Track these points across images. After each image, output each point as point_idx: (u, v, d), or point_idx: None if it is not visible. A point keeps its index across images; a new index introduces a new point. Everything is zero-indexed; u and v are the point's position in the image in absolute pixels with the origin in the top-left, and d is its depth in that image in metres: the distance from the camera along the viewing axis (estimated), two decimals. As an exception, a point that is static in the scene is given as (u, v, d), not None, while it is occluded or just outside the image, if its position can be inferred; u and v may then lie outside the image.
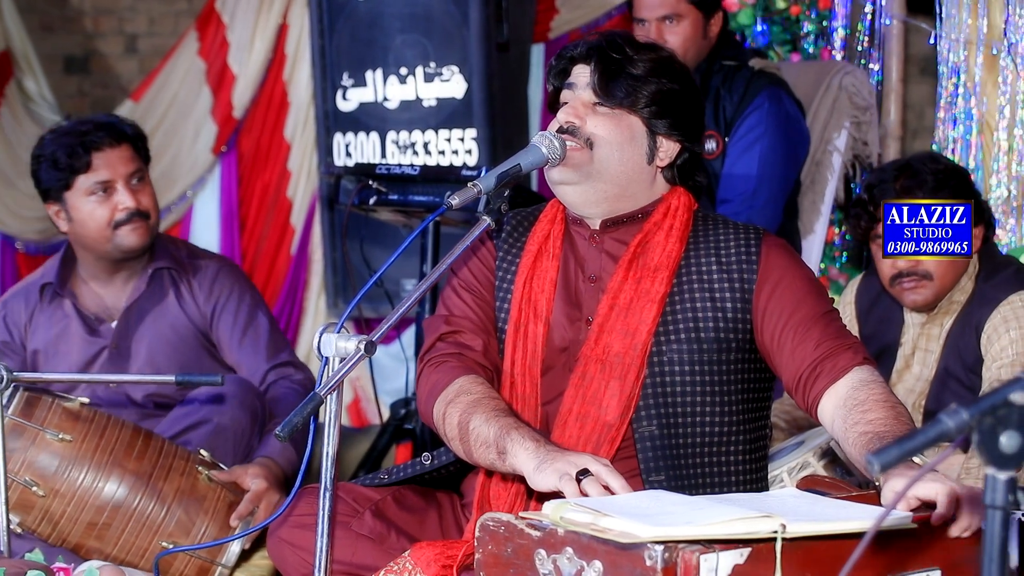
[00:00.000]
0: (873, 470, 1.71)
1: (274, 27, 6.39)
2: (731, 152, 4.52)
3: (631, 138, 2.95)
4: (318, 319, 6.37)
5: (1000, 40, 4.46)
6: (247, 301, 4.09)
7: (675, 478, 2.87)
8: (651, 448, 2.87)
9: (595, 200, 2.96)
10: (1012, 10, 4.39)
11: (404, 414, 4.71)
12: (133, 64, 7.21)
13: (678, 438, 2.89)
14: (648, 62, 2.96)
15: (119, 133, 3.98)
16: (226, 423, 3.85)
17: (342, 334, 2.63)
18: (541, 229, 3.05)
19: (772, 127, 4.51)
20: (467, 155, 5.60)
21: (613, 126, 2.93)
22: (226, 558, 3.60)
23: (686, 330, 2.89)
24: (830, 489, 2.70)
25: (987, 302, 3.77)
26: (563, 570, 2.28)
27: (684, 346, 2.89)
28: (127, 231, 3.96)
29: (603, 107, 2.95)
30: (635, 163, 2.95)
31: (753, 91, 4.55)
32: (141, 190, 3.99)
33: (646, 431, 2.87)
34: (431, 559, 2.73)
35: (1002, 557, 1.72)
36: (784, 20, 5.46)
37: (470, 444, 2.80)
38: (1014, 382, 1.72)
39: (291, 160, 6.43)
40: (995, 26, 4.48)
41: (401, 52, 5.71)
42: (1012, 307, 3.71)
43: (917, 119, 6.35)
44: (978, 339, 3.75)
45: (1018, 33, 4.39)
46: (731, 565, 2.18)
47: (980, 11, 4.49)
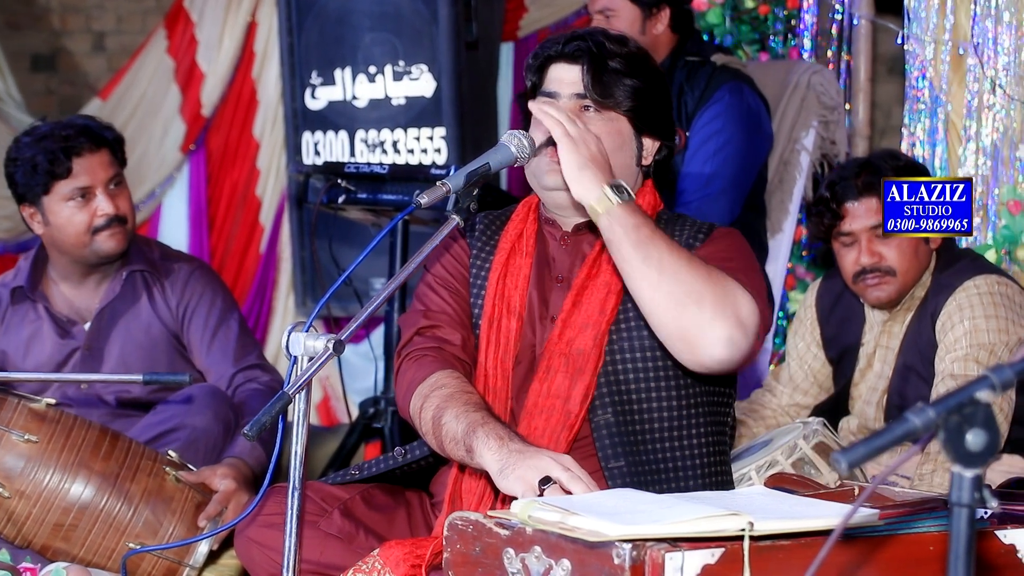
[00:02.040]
0: (840, 468, 1.72)
1: (243, 25, 6.38)
2: (691, 145, 4.53)
3: (622, 143, 2.97)
4: (287, 318, 6.36)
5: (967, 40, 4.48)
6: (218, 304, 4.09)
7: (634, 464, 2.89)
8: (607, 436, 2.89)
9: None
10: (979, 10, 4.41)
11: (373, 413, 4.71)
12: (101, 62, 7.18)
13: (634, 424, 2.91)
14: (624, 60, 2.96)
15: (99, 138, 3.96)
16: (199, 432, 3.84)
17: (311, 333, 2.63)
18: (514, 228, 3.06)
19: (732, 120, 4.52)
20: (436, 154, 5.60)
21: (605, 131, 2.93)
22: (194, 559, 3.58)
23: (637, 317, 2.90)
24: (798, 487, 2.71)
25: (942, 290, 3.79)
26: (531, 569, 2.28)
27: (635, 333, 2.91)
28: (105, 237, 3.95)
29: (592, 111, 2.94)
30: (626, 165, 2.97)
31: (715, 85, 4.55)
32: (119, 195, 3.98)
33: (602, 419, 2.89)
34: (400, 559, 2.73)
35: (968, 555, 1.73)
36: (753, 19, 5.47)
37: (442, 439, 2.82)
38: (980, 380, 1.73)
39: (260, 159, 6.42)
40: (962, 26, 4.50)
41: (370, 50, 5.70)
42: (967, 293, 3.72)
43: (885, 118, 6.37)
44: (934, 326, 3.77)
45: (984, 32, 4.41)
46: (701, 565, 2.18)
47: (947, 11, 4.51)
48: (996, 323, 3.65)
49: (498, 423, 2.77)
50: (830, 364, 4.10)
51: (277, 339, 6.27)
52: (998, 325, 3.65)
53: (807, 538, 2.26)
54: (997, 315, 3.67)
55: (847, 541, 2.30)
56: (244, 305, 6.33)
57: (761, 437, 3.82)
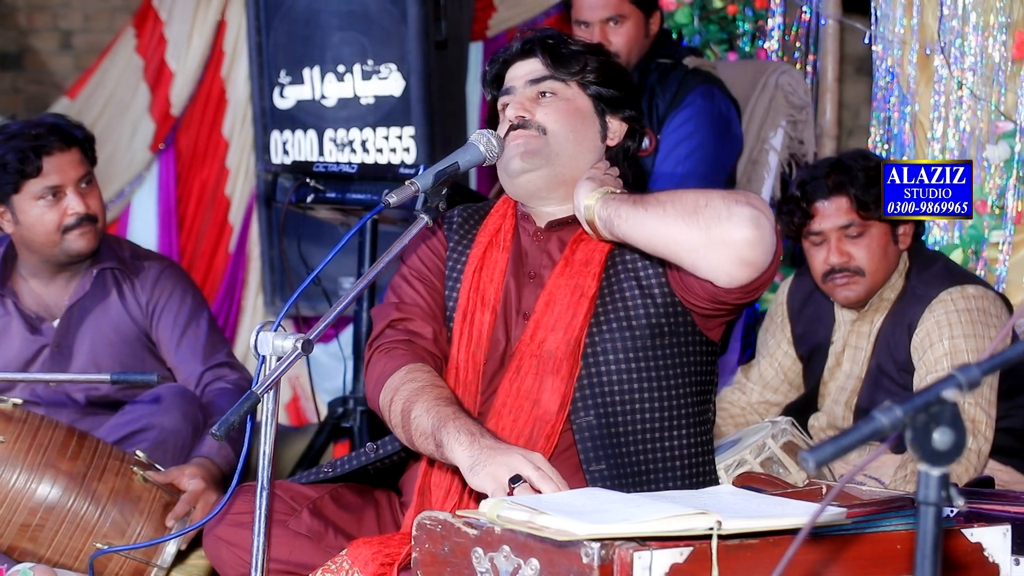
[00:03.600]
0: (808, 467, 1.73)
1: (212, 24, 6.36)
2: (662, 148, 4.54)
3: (582, 119, 3.01)
4: (256, 317, 6.35)
5: (933, 40, 4.50)
6: (188, 303, 4.08)
7: (616, 467, 2.88)
8: (590, 438, 2.88)
9: (553, 183, 2.98)
10: (945, 11, 4.43)
11: (342, 412, 4.70)
12: (68, 60, 7.14)
13: (616, 427, 2.90)
14: (584, 44, 3.07)
15: (70, 137, 3.95)
16: (168, 432, 3.83)
17: (279, 332, 2.63)
18: (492, 223, 3.08)
19: (702, 124, 4.53)
20: (405, 153, 5.59)
21: (563, 110, 2.99)
22: (162, 559, 3.57)
23: (617, 319, 2.90)
24: (766, 486, 2.72)
25: (918, 299, 3.80)
26: (500, 568, 2.28)
27: (616, 335, 2.91)
28: (76, 236, 3.94)
29: (549, 95, 2.99)
30: (590, 141, 3.01)
31: (686, 88, 4.57)
32: (89, 193, 3.97)
33: (583, 421, 2.88)
34: (368, 558, 2.73)
35: (935, 553, 1.74)
36: (721, 19, 5.49)
37: (411, 432, 2.82)
38: (947, 379, 1.74)
39: (229, 158, 6.40)
40: (928, 26, 4.52)
41: (339, 50, 5.69)
42: (945, 309, 3.73)
43: (853, 118, 6.39)
44: (910, 337, 3.78)
45: (951, 33, 4.43)
46: (669, 563, 2.18)
47: (914, 11, 4.53)
48: (975, 342, 3.67)
49: (469, 418, 2.77)
50: (800, 362, 4.11)
51: (246, 338, 6.25)
52: (977, 345, 3.67)
53: (775, 537, 2.26)
54: (976, 334, 3.69)
55: (815, 540, 2.31)
56: (213, 304, 6.31)
57: (730, 436, 3.84)
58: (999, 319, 3.75)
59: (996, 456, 3.80)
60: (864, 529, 2.38)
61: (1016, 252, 4.32)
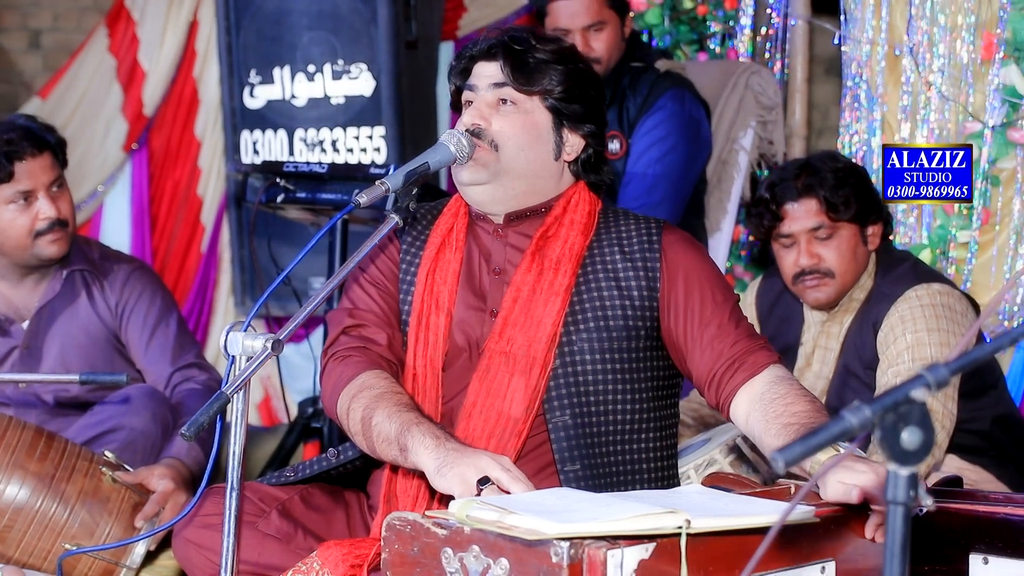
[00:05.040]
0: (778, 467, 1.73)
1: (184, 24, 6.34)
2: (632, 151, 4.55)
3: (537, 136, 2.96)
4: (228, 317, 6.33)
5: (902, 41, 4.51)
6: (157, 304, 4.07)
7: (590, 467, 2.88)
8: (565, 438, 2.88)
9: (503, 198, 2.97)
10: (914, 12, 4.45)
11: (312, 413, 4.70)
12: (37, 60, 7.11)
13: (591, 427, 2.90)
14: (553, 52, 2.99)
15: (41, 141, 3.93)
16: (137, 432, 3.82)
17: (249, 332, 2.62)
18: (444, 222, 3.06)
19: (674, 128, 4.54)
20: (375, 153, 5.58)
21: (519, 125, 2.95)
22: (131, 559, 3.56)
23: (594, 319, 2.90)
24: (735, 486, 2.72)
25: (884, 298, 3.81)
26: (470, 568, 2.28)
27: (593, 335, 2.90)
28: (47, 241, 3.93)
29: (508, 104, 2.96)
30: (542, 160, 2.97)
31: (657, 92, 4.58)
32: (60, 197, 3.96)
33: (559, 421, 2.88)
34: (338, 559, 2.72)
35: (903, 552, 1.74)
36: (691, 20, 5.50)
37: (373, 440, 2.80)
38: (915, 379, 1.75)
39: (201, 158, 6.38)
40: (897, 27, 4.53)
41: (309, 49, 5.68)
42: (909, 305, 3.74)
43: (822, 118, 6.41)
44: (876, 335, 3.79)
45: (919, 34, 4.44)
46: (636, 560, 2.19)
47: (883, 13, 4.55)
48: (939, 336, 3.68)
49: (432, 423, 2.76)
50: (770, 362, 4.11)
51: (218, 338, 6.23)
52: (940, 339, 3.67)
53: (744, 536, 2.27)
54: (939, 328, 3.69)
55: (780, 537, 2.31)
56: (186, 304, 6.30)
57: (700, 436, 3.84)
58: (964, 317, 3.76)
59: (963, 455, 3.81)
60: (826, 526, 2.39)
61: (983, 252, 4.34)
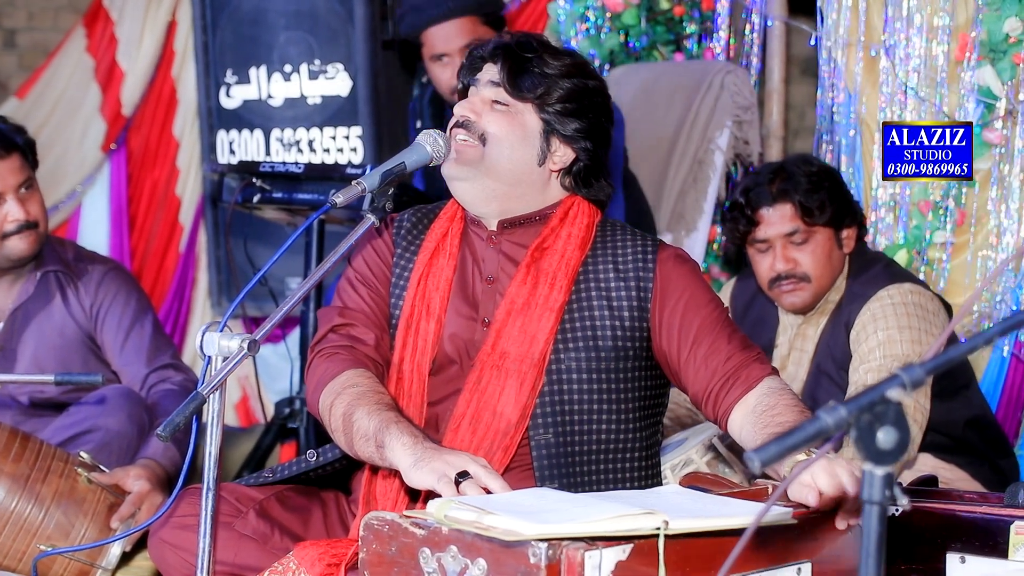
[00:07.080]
0: (753, 467, 1.73)
1: (163, 24, 6.33)
2: None
3: (523, 137, 2.96)
4: (206, 317, 6.32)
5: (879, 42, 4.52)
6: (132, 305, 4.06)
7: (570, 486, 2.87)
8: (547, 456, 2.88)
9: (485, 197, 2.97)
10: (891, 12, 4.46)
11: (289, 413, 4.68)
12: (12, 59, 7.08)
13: (574, 445, 2.90)
14: (561, 67, 2.98)
15: (9, 143, 3.92)
16: (113, 433, 3.81)
17: (225, 333, 2.62)
18: (440, 227, 3.05)
19: None
20: (352, 153, 5.58)
21: (507, 124, 2.95)
22: (106, 560, 3.55)
23: (584, 338, 2.90)
24: (712, 486, 2.73)
25: (856, 298, 3.82)
26: (447, 568, 2.28)
27: (582, 354, 2.90)
28: (16, 241, 3.92)
29: (500, 104, 2.96)
30: (525, 163, 2.97)
31: None
32: (30, 199, 3.95)
33: (542, 439, 2.88)
34: (315, 559, 2.72)
35: (879, 552, 1.75)
36: (668, 20, 5.50)
37: (352, 436, 2.80)
38: (891, 379, 1.75)
39: (180, 158, 6.37)
40: (874, 28, 4.54)
41: (285, 49, 5.67)
42: (881, 303, 3.75)
43: (799, 119, 6.42)
44: (848, 336, 3.80)
45: (896, 35, 4.45)
46: (614, 561, 2.19)
47: (860, 13, 4.55)
48: (910, 334, 3.68)
49: (411, 423, 2.76)
50: (745, 363, 4.12)
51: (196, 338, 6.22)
52: (911, 336, 3.68)
53: (722, 537, 2.27)
54: (911, 326, 3.70)
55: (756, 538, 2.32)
56: (164, 304, 6.30)
57: (676, 436, 3.84)
58: (936, 316, 3.77)
59: (938, 454, 3.82)
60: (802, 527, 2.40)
61: (959, 253, 4.35)
